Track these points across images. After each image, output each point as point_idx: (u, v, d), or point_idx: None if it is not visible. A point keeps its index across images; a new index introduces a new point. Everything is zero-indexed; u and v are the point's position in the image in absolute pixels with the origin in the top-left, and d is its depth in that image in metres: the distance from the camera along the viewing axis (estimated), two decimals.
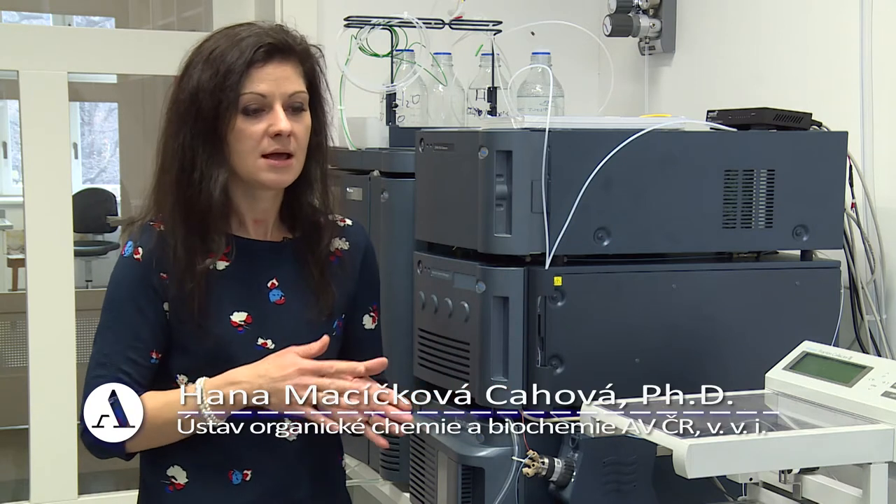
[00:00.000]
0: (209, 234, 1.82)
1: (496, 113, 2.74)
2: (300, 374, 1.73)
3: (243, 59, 1.78)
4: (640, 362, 2.06)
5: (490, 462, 2.00)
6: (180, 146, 1.82)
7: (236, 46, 1.79)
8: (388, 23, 2.71)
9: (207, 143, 1.80)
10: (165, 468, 1.87)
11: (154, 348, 1.83)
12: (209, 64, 1.80)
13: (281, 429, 1.86)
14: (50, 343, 3.20)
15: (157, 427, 1.78)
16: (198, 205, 1.81)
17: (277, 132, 1.78)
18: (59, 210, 3.20)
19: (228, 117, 1.79)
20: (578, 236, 2.02)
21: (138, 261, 1.83)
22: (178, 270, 1.81)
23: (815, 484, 1.76)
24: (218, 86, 1.78)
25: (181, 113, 1.82)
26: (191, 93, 1.80)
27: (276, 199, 1.90)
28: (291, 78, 1.82)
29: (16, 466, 4.97)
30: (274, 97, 1.79)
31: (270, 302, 1.87)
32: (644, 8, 3.13)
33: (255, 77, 1.79)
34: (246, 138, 1.79)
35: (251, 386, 1.74)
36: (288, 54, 1.83)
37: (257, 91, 1.79)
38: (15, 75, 3.16)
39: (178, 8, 4.96)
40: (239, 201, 1.87)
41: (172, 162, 1.83)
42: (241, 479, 1.86)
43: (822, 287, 2.19)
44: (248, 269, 1.87)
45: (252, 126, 1.79)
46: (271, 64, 1.80)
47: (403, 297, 2.35)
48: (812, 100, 2.46)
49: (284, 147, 1.80)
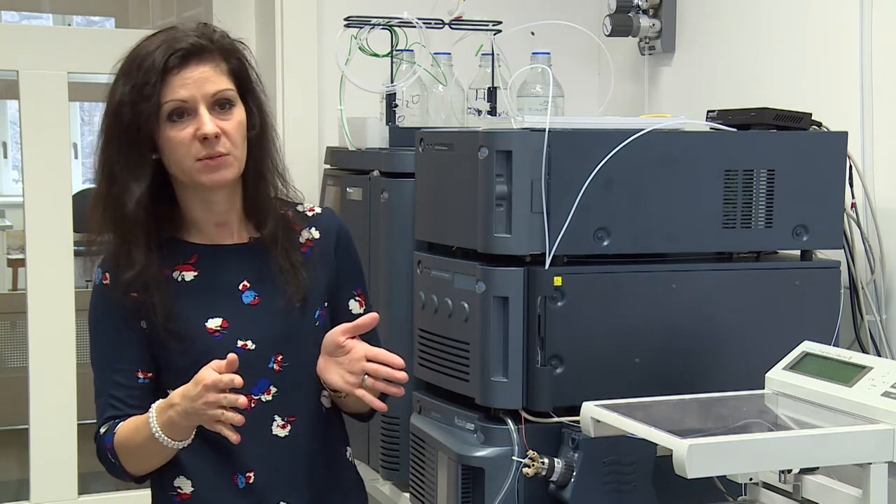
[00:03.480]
0: (130, 248, 1.81)
1: (496, 113, 2.73)
2: (205, 389, 1.67)
3: (157, 67, 1.77)
4: (640, 362, 2.06)
5: (490, 462, 2.00)
6: (105, 160, 1.82)
7: (151, 56, 1.78)
8: (387, 23, 2.71)
9: (127, 155, 1.79)
10: (171, 480, 1.87)
11: (140, 368, 1.84)
12: (129, 77, 1.79)
13: (272, 426, 1.87)
14: (50, 343, 3.20)
15: (136, 451, 1.80)
16: (118, 215, 1.80)
17: (203, 136, 1.77)
18: (59, 210, 3.20)
19: (153, 128, 1.78)
20: (578, 236, 2.02)
21: (107, 286, 1.85)
22: (135, 283, 1.80)
23: (815, 484, 1.76)
24: (136, 98, 1.77)
25: (107, 127, 1.82)
26: (115, 108, 1.80)
27: (233, 199, 1.88)
28: (212, 78, 1.80)
29: (16, 466, 4.97)
30: (196, 100, 1.78)
31: (244, 303, 1.87)
32: (644, 8, 3.13)
33: (174, 83, 1.78)
34: (177, 145, 1.78)
35: (181, 407, 1.72)
36: (204, 55, 1.81)
37: (177, 98, 1.78)
38: (15, 75, 3.16)
39: (178, 8, 4.95)
40: (194, 208, 1.86)
41: (98, 176, 1.84)
42: (246, 482, 1.86)
43: (822, 287, 2.19)
44: (217, 275, 1.86)
45: (180, 132, 1.78)
46: (188, 68, 1.79)
47: (403, 297, 2.35)
48: (812, 100, 2.46)
49: (215, 149, 1.78)
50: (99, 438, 1.85)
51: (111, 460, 1.83)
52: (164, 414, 1.74)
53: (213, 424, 1.70)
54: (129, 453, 1.81)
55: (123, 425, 1.81)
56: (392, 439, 2.44)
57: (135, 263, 1.80)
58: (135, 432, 1.79)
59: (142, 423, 1.78)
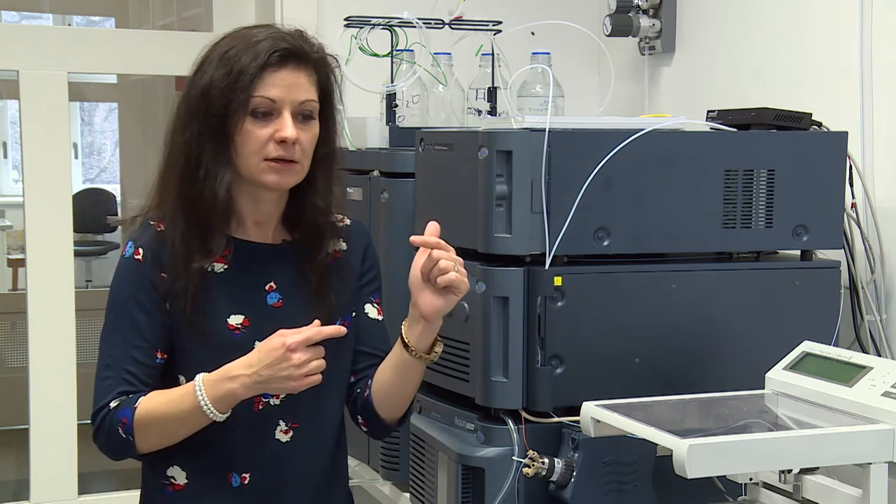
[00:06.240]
0: (209, 233, 1.82)
1: (496, 113, 2.73)
2: (289, 351, 1.70)
3: (258, 61, 1.77)
4: (640, 362, 2.06)
5: (490, 462, 2.00)
6: (187, 142, 1.81)
7: (252, 48, 1.79)
8: (388, 23, 2.71)
9: (214, 142, 1.80)
10: (165, 469, 1.86)
11: (159, 348, 1.83)
12: (223, 63, 1.79)
13: (276, 430, 1.87)
14: (50, 343, 3.20)
15: (161, 424, 1.77)
16: (200, 203, 1.81)
17: (283, 139, 1.78)
18: (59, 210, 3.21)
19: (237, 117, 1.78)
20: (578, 236, 2.02)
21: (139, 261, 1.83)
22: (174, 267, 1.81)
23: (815, 484, 1.76)
24: (230, 85, 1.78)
25: (191, 108, 1.82)
26: (202, 90, 1.80)
27: (280, 203, 1.89)
28: (304, 86, 1.81)
29: (16, 466, 4.97)
30: (284, 103, 1.79)
31: (268, 304, 1.87)
32: (644, 8, 3.13)
33: (268, 81, 1.78)
34: (252, 140, 1.79)
35: (247, 379, 1.72)
36: (303, 61, 1.81)
37: (268, 95, 1.78)
38: (15, 75, 3.17)
39: (178, 8, 4.96)
40: (241, 202, 1.86)
41: (178, 157, 1.83)
42: (240, 482, 1.86)
43: (822, 287, 2.19)
44: (247, 272, 1.86)
45: (259, 129, 1.79)
46: (285, 69, 1.79)
47: (403, 297, 2.35)
48: (812, 100, 2.46)
49: (289, 154, 1.79)
50: (109, 413, 1.79)
51: (121, 435, 1.78)
52: (218, 387, 1.73)
53: (290, 388, 1.72)
54: (154, 427, 1.77)
55: (149, 399, 1.78)
56: (392, 439, 2.44)
57: (212, 251, 1.81)
58: (168, 406, 1.76)
59: (178, 396, 1.76)
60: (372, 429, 1.99)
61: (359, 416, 1.97)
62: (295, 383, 1.72)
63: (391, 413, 1.94)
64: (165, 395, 1.79)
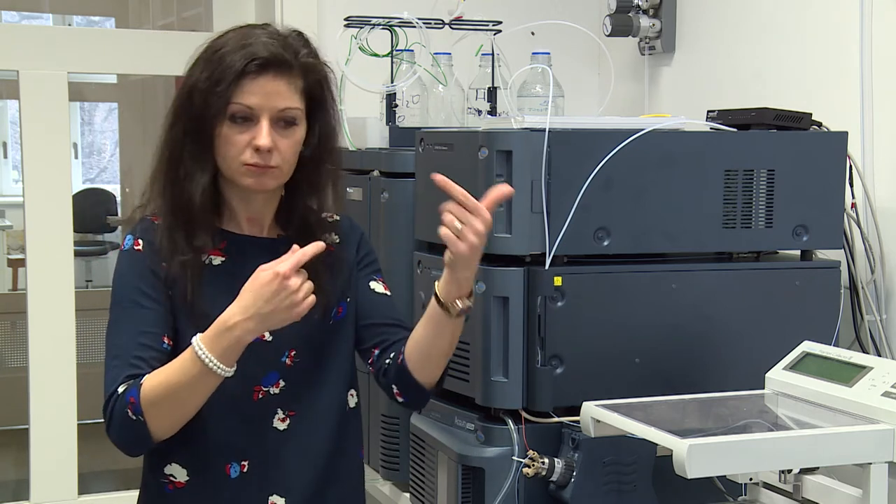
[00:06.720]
0: (193, 230, 1.84)
1: (496, 113, 2.73)
2: (284, 279, 1.69)
3: (235, 68, 1.78)
4: (640, 362, 2.06)
5: (490, 462, 2.00)
6: (172, 139, 1.84)
7: (238, 52, 1.80)
8: (388, 23, 2.71)
9: (196, 142, 1.82)
10: (163, 467, 1.87)
11: (166, 333, 1.82)
12: (209, 64, 1.81)
13: (274, 419, 1.87)
14: (50, 343, 3.20)
15: (170, 397, 1.74)
16: (181, 201, 1.83)
17: (257, 147, 1.79)
18: (59, 210, 3.20)
19: (217, 121, 1.80)
20: (578, 236, 2.02)
21: (139, 251, 1.85)
22: (167, 259, 1.82)
23: (815, 484, 1.76)
24: (210, 89, 1.79)
25: (178, 106, 1.84)
26: (189, 90, 1.82)
27: (272, 201, 1.90)
28: (284, 93, 1.81)
29: (16, 466, 4.97)
30: (262, 110, 1.79)
31: None
32: (644, 8, 3.13)
33: (246, 89, 1.79)
34: (230, 145, 1.80)
35: (249, 322, 1.71)
36: (284, 69, 1.81)
37: (245, 103, 1.79)
38: (15, 75, 3.16)
39: (178, 8, 4.96)
40: (233, 199, 1.88)
41: (164, 153, 1.86)
42: (239, 471, 1.86)
43: (822, 287, 2.19)
44: (243, 265, 1.86)
45: (237, 135, 1.80)
46: (263, 77, 1.79)
47: (403, 297, 2.35)
48: (812, 100, 2.46)
49: (264, 160, 1.80)
50: (117, 398, 1.76)
51: (131, 418, 1.75)
52: (219, 341, 1.71)
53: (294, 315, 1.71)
54: (164, 401, 1.75)
55: (153, 375, 1.76)
56: (392, 439, 2.44)
57: (197, 246, 1.82)
58: (172, 375, 1.74)
59: (179, 364, 1.74)
60: (408, 396, 1.95)
61: (393, 385, 1.94)
62: (298, 309, 1.71)
63: (428, 375, 1.91)
64: (168, 366, 1.77)
